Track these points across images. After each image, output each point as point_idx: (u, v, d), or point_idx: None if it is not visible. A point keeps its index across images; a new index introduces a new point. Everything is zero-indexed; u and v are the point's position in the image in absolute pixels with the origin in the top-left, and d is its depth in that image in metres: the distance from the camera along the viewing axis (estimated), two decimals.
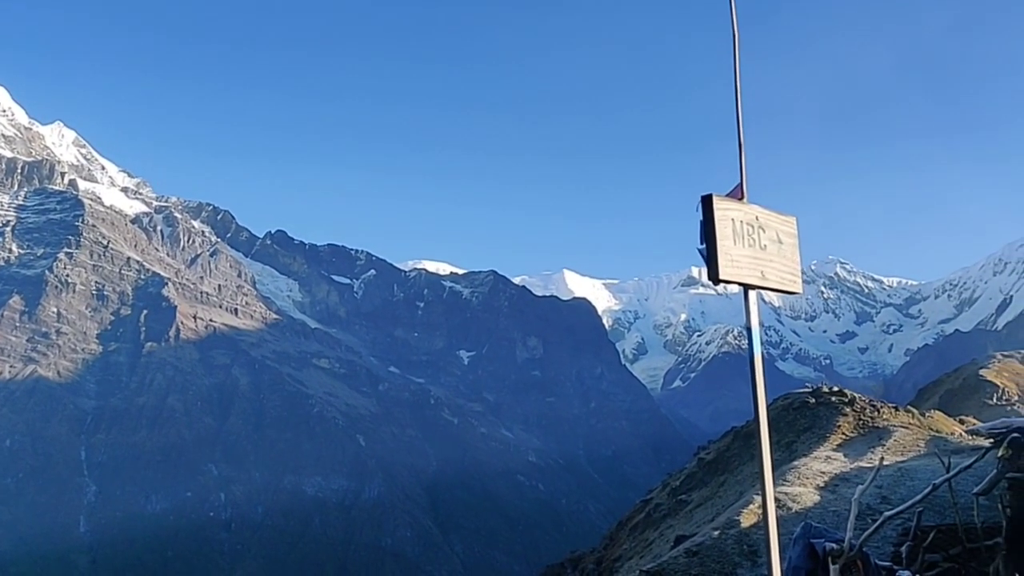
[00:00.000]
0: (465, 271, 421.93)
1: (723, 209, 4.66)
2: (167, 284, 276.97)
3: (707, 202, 4.63)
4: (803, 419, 29.27)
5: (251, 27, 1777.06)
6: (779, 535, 5.62)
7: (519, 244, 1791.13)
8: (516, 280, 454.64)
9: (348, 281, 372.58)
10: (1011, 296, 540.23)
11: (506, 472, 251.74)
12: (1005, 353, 70.81)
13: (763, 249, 4.89)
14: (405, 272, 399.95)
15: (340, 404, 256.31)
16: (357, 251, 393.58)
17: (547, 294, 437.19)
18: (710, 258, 4.67)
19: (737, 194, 4.88)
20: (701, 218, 4.65)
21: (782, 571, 5.02)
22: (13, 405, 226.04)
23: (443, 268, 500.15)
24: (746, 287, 4.84)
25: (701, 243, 4.73)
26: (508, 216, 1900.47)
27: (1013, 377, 58.36)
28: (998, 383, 55.96)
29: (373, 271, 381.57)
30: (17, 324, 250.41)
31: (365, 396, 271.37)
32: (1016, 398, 52.72)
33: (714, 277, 4.68)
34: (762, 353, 4.90)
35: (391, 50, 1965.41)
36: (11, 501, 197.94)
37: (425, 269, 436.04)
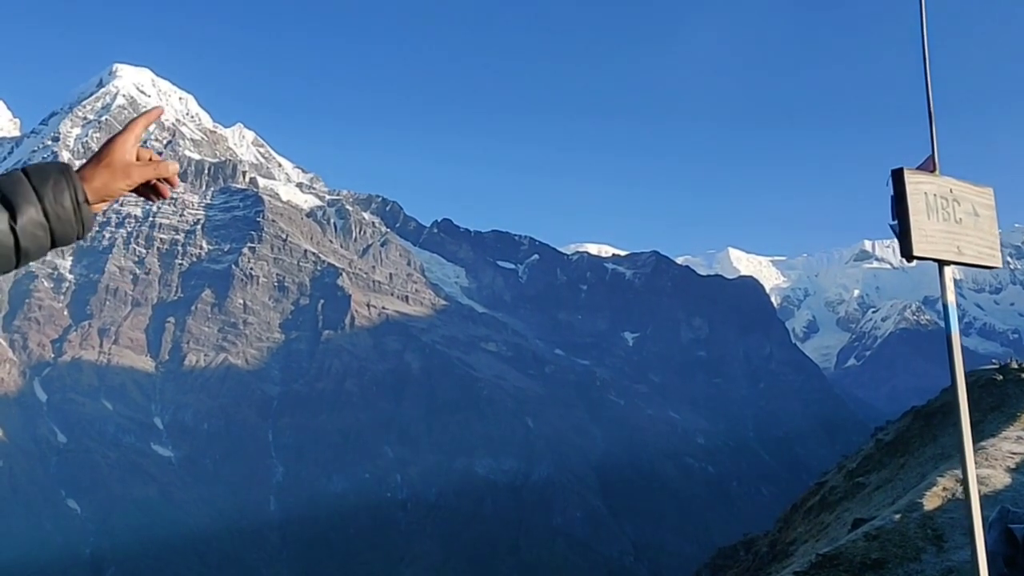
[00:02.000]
0: (627, 252, 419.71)
1: (915, 183, 4.53)
2: (341, 274, 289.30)
3: (898, 176, 4.50)
4: (990, 397, 27.81)
5: (411, 27, 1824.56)
6: (966, 518, 5.47)
7: (681, 223, 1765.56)
8: (679, 260, 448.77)
9: (512, 266, 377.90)
10: None
11: (674, 454, 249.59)
12: None
13: (958, 223, 4.71)
14: (567, 255, 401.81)
15: (508, 387, 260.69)
16: (520, 236, 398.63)
17: (711, 273, 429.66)
18: (903, 234, 4.51)
19: (929, 166, 4.70)
20: (892, 193, 4.52)
21: (975, 558, 4.96)
22: (209, 391, 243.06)
23: (605, 250, 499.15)
24: (941, 263, 4.70)
25: (893, 219, 4.58)
26: (670, 195, 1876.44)
27: None
28: None
29: (536, 255, 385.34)
30: (209, 316, 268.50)
31: (532, 378, 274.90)
32: None
33: (907, 254, 4.51)
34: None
35: (544, 40, 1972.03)
36: (210, 480, 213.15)
37: (587, 252, 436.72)
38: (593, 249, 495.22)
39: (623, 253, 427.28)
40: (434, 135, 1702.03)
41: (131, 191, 2.69)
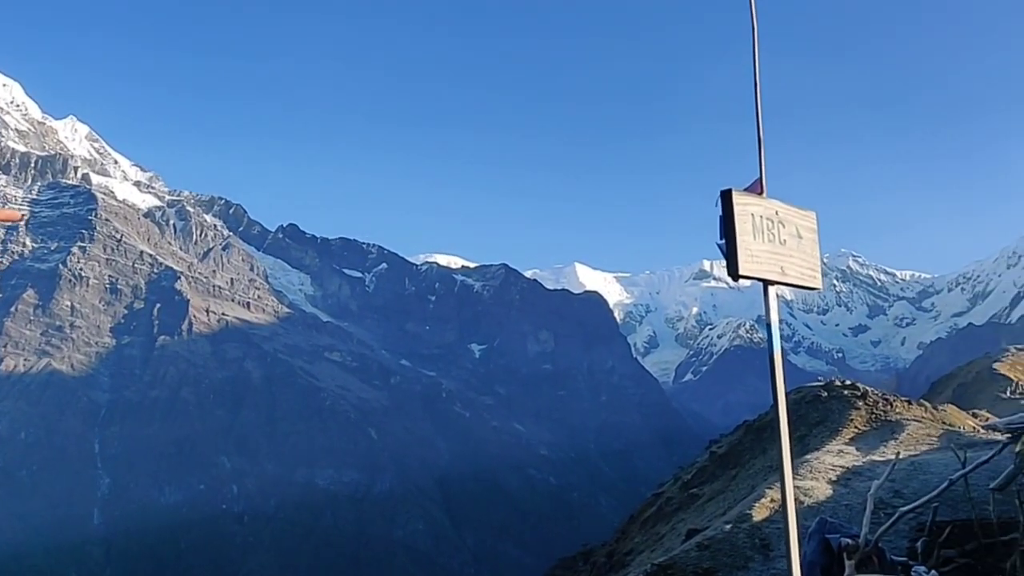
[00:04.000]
0: (476, 265, 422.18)
1: (743, 204, 4.60)
2: (180, 278, 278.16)
3: (726, 197, 4.56)
4: (815, 413, 29.18)
5: (261, 27, 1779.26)
6: (783, 526, 5.62)
7: (530, 238, 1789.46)
8: (527, 273, 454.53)
9: (360, 275, 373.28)
10: None
11: (517, 465, 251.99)
12: (1019, 347, 70.24)
13: (783, 244, 4.84)
14: (416, 266, 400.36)
15: (352, 397, 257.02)
16: (369, 245, 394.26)
17: (558, 287, 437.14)
18: (729, 253, 4.58)
19: (756, 188, 4.82)
20: (720, 213, 4.59)
21: (790, 566, 5.04)
22: (28, 398, 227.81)
23: (454, 262, 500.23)
24: (766, 283, 4.81)
25: (720, 238, 4.64)
26: (519, 210, 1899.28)
27: None
28: (1011, 376, 55.58)
29: (385, 264, 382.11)
30: (31, 318, 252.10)
31: (377, 389, 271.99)
32: None
33: (734, 273, 4.62)
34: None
35: (399, 49, 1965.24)
36: (26, 493, 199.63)
37: (436, 263, 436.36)
38: (443, 260, 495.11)
39: (473, 265, 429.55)
40: (280, 138, 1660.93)
41: None
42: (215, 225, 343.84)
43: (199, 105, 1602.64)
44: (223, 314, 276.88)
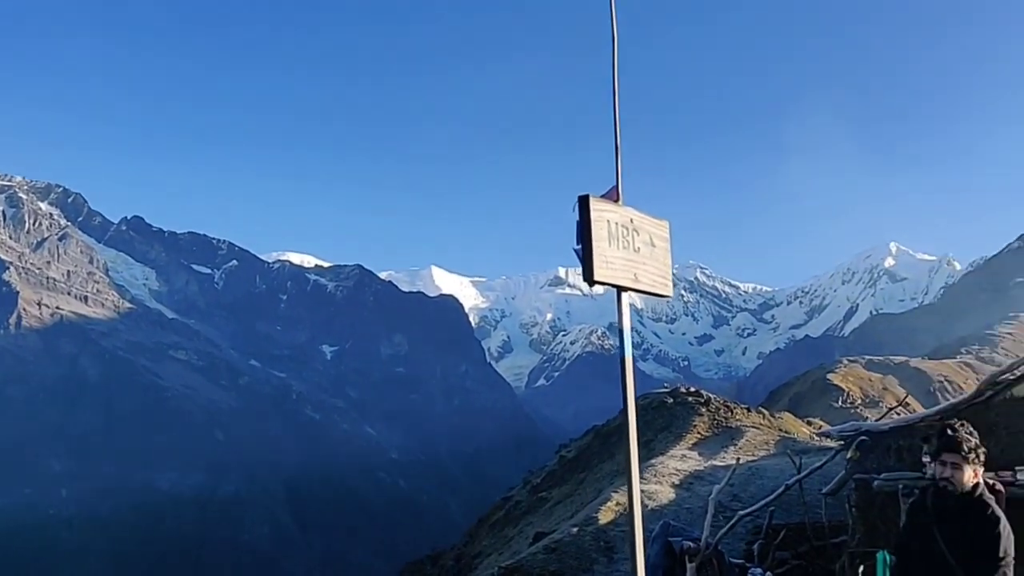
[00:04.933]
0: (330, 264, 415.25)
1: (599, 210, 4.60)
2: (8, 268, 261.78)
3: (584, 203, 4.54)
4: (661, 418, 30.05)
5: (112, 9, 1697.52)
6: (628, 531, 5.68)
7: (387, 239, 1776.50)
8: (383, 275, 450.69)
9: (209, 271, 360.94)
10: (857, 304, 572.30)
11: (367, 469, 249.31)
12: (850, 358, 74.65)
13: (636, 252, 4.87)
14: (268, 263, 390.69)
15: (198, 398, 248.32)
16: (219, 240, 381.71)
17: (414, 290, 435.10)
18: (585, 259, 4.56)
19: (612, 196, 4.84)
20: (577, 219, 4.60)
21: (635, 568, 5.08)
22: None
23: (308, 261, 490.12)
24: (619, 289, 4.84)
25: (577, 243, 4.61)
26: (376, 210, 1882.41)
27: (857, 381, 61.61)
28: (843, 387, 58.96)
29: (235, 261, 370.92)
30: None
31: (224, 390, 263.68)
32: (859, 401, 55.71)
33: (589, 278, 4.61)
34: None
35: (251, 38, 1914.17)
36: None
37: (289, 261, 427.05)
38: (296, 258, 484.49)
39: (327, 264, 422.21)
40: (125, 127, 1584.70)
41: None
42: (51, 214, 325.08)
43: (36, 86, 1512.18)
44: (57, 308, 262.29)
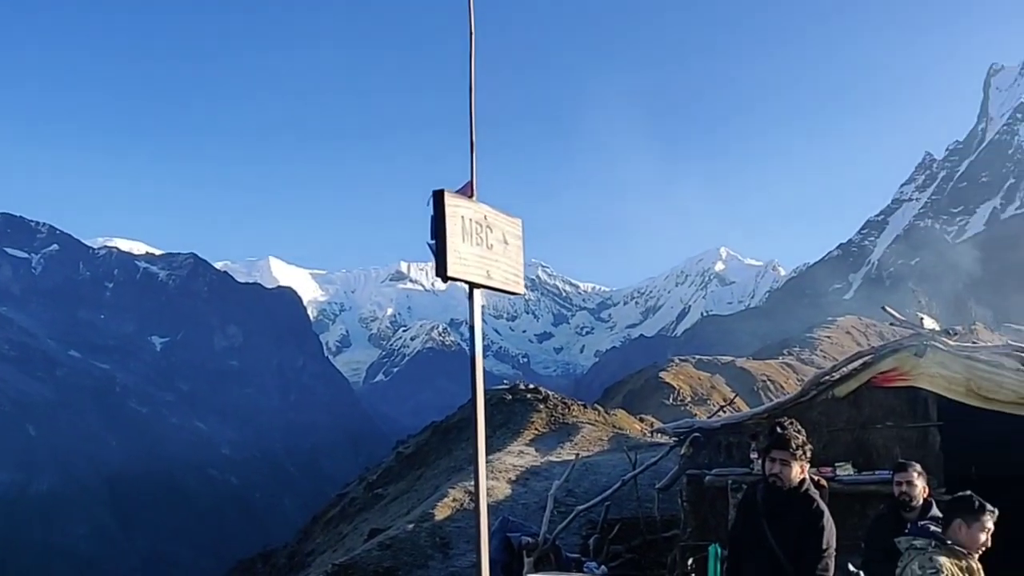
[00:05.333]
0: (162, 252, 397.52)
1: (454, 206, 4.56)
2: None
3: (438, 198, 4.49)
4: (499, 415, 30.32)
5: None
6: (473, 528, 5.67)
7: (223, 228, 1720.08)
8: (218, 265, 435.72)
9: (25, 255, 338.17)
10: (689, 306, 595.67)
11: (197, 465, 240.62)
12: (682, 357, 77.45)
13: (490, 248, 4.85)
14: (94, 249, 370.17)
15: (9, 390, 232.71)
16: (38, 223, 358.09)
17: (251, 281, 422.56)
18: (439, 254, 4.50)
19: (467, 191, 4.80)
20: (432, 213, 4.54)
21: (480, 563, 5.07)
22: None
23: (138, 247, 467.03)
24: (472, 286, 4.80)
25: (431, 239, 4.55)
26: (212, 198, 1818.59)
27: (688, 380, 63.99)
28: (675, 385, 61.06)
29: (56, 245, 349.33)
30: None
31: (40, 381, 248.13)
32: (689, 399, 57.90)
33: (442, 274, 4.56)
34: (483, 351, 4.84)
35: (74, 14, 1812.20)
36: None
37: (117, 247, 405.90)
38: (124, 245, 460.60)
39: (158, 252, 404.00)
40: None
41: None
42: None
43: None
44: None
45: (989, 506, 5.96)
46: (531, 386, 34.45)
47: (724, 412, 21.97)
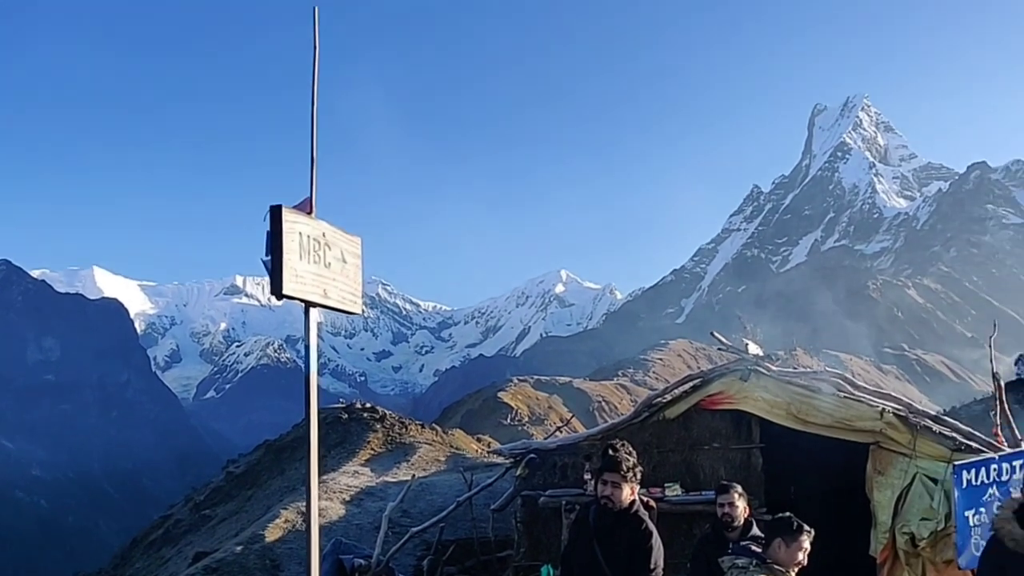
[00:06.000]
0: None
1: (291, 222, 4.46)
2: None
3: (275, 213, 4.39)
4: (335, 434, 29.79)
5: None
6: (306, 549, 5.53)
7: (41, 235, 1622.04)
8: (35, 273, 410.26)
9: None
10: (529, 327, 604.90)
11: (3, 487, 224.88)
12: (520, 377, 78.47)
13: (327, 267, 4.75)
14: None
15: None
16: None
17: (72, 291, 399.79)
18: (274, 271, 4.40)
19: (306, 208, 4.69)
20: (268, 229, 4.44)
21: None
22: None
23: None
24: (308, 304, 4.69)
25: (266, 255, 4.44)
26: (27, 203, 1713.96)
27: (526, 400, 64.83)
28: (513, 405, 61.76)
29: None
30: None
31: None
32: (527, 419, 58.68)
33: (277, 292, 4.44)
34: (319, 369, 4.72)
35: None
36: None
37: None
38: None
39: None
40: None
41: None
42: None
43: None
44: None
45: (806, 526, 6.30)
46: (368, 405, 34.01)
47: (560, 433, 22.36)
